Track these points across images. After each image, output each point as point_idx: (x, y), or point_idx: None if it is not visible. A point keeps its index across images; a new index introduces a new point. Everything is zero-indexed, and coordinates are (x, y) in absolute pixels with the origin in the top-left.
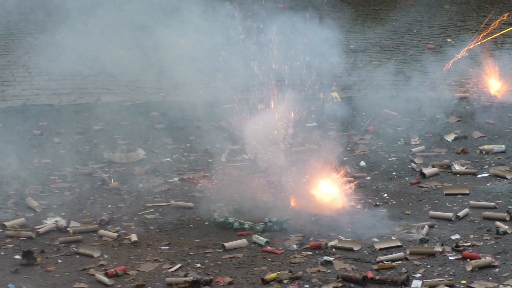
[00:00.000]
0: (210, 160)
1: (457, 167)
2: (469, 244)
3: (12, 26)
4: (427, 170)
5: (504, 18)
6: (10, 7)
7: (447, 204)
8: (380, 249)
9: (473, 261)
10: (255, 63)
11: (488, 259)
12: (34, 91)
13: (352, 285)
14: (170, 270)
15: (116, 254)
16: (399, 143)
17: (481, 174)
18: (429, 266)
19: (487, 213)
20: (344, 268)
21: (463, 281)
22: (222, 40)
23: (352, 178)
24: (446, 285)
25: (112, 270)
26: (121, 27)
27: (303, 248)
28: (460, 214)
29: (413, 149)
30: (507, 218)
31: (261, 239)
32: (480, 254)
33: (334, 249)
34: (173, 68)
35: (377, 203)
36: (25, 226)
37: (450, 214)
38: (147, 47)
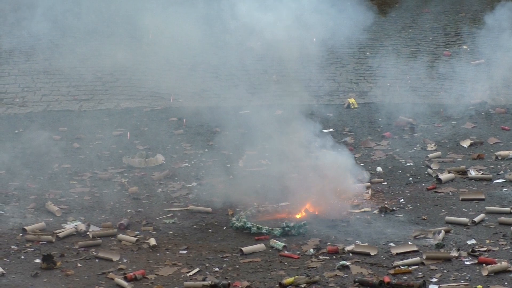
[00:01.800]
0: (228, 165)
1: (473, 173)
2: (485, 249)
3: (33, 33)
4: (443, 176)
5: None
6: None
7: (463, 209)
8: (397, 253)
9: (489, 266)
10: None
11: (504, 264)
12: (55, 97)
13: None
14: (188, 274)
15: (135, 258)
16: (415, 149)
17: (496, 179)
18: (445, 271)
19: (502, 218)
20: (361, 272)
21: (479, 286)
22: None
23: (369, 184)
24: None
25: (131, 274)
26: (142, 35)
27: (320, 253)
28: (476, 219)
29: (430, 155)
30: None
31: (279, 244)
32: (496, 259)
33: (351, 254)
34: (192, 75)
35: (394, 208)
36: (45, 230)
37: (466, 219)
38: (167, 54)
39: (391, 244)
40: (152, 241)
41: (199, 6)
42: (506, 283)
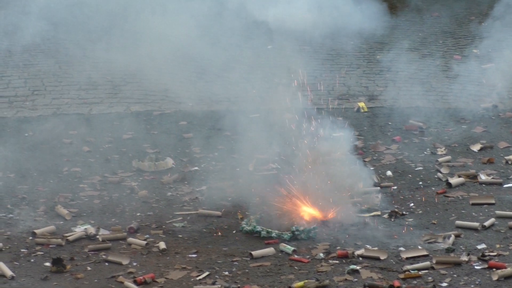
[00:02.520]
0: (238, 169)
1: (483, 177)
2: (495, 253)
3: (43, 36)
4: (453, 180)
5: None
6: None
7: (473, 213)
8: (407, 258)
9: (499, 271)
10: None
11: None
12: (64, 101)
13: None
14: (198, 278)
15: (144, 261)
16: (425, 153)
17: (507, 184)
18: (455, 275)
19: None
20: (371, 277)
21: None
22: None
23: (379, 188)
24: None
25: (141, 277)
26: (151, 38)
27: (330, 257)
28: (486, 223)
29: (439, 159)
30: None
31: (288, 248)
32: (506, 264)
33: (360, 258)
34: (201, 78)
35: (404, 212)
36: (55, 234)
37: (476, 224)
38: (176, 58)
39: (401, 248)
40: (162, 245)
41: (208, 8)
42: None
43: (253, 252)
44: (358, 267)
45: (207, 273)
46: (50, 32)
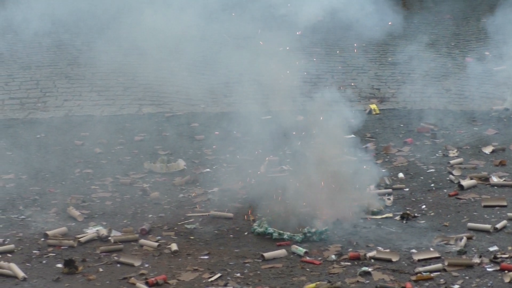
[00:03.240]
0: (250, 170)
1: (495, 179)
2: (507, 255)
3: (55, 38)
4: (465, 182)
5: None
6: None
7: (485, 216)
8: (419, 260)
9: (511, 273)
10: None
11: None
12: (76, 102)
13: None
14: (210, 280)
15: (156, 263)
16: (437, 155)
17: None
18: (467, 278)
19: None
20: (383, 278)
21: None
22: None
23: (391, 190)
24: None
25: (153, 279)
26: (164, 40)
27: (342, 259)
28: (498, 226)
29: (451, 161)
30: None
31: (300, 250)
32: None
33: (372, 260)
34: (212, 80)
35: (416, 214)
36: (66, 235)
37: (488, 226)
38: (188, 60)
39: (413, 250)
40: (174, 246)
41: (222, 11)
42: None
43: (265, 254)
44: (370, 269)
45: (219, 274)
46: (62, 33)
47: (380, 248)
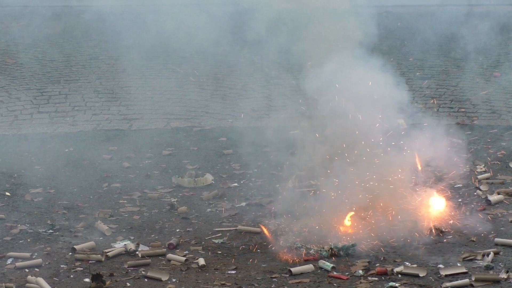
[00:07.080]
0: (277, 185)
1: None
2: None
3: (84, 52)
4: (493, 197)
5: None
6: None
7: None
8: (446, 275)
9: None
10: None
11: None
12: (105, 116)
13: None
14: None
15: (184, 278)
16: (464, 170)
17: None
18: None
19: None
20: None
21: None
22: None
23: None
24: None
25: None
26: (191, 53)
27: (369, 274)
28: None
29: (479, 176)
30: None
31: (328, 265)
32: None
33: (400, 275)
34: (241, 95)
35: (443, 229)
36: (94, 250)
37: None
38: (216, 74)
39: (440, 265)
40: (201, 261)
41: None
42: None
43: (292, 269)
44: (397, 284)
45: None
46: (91, 48)
47: (407, 263)
